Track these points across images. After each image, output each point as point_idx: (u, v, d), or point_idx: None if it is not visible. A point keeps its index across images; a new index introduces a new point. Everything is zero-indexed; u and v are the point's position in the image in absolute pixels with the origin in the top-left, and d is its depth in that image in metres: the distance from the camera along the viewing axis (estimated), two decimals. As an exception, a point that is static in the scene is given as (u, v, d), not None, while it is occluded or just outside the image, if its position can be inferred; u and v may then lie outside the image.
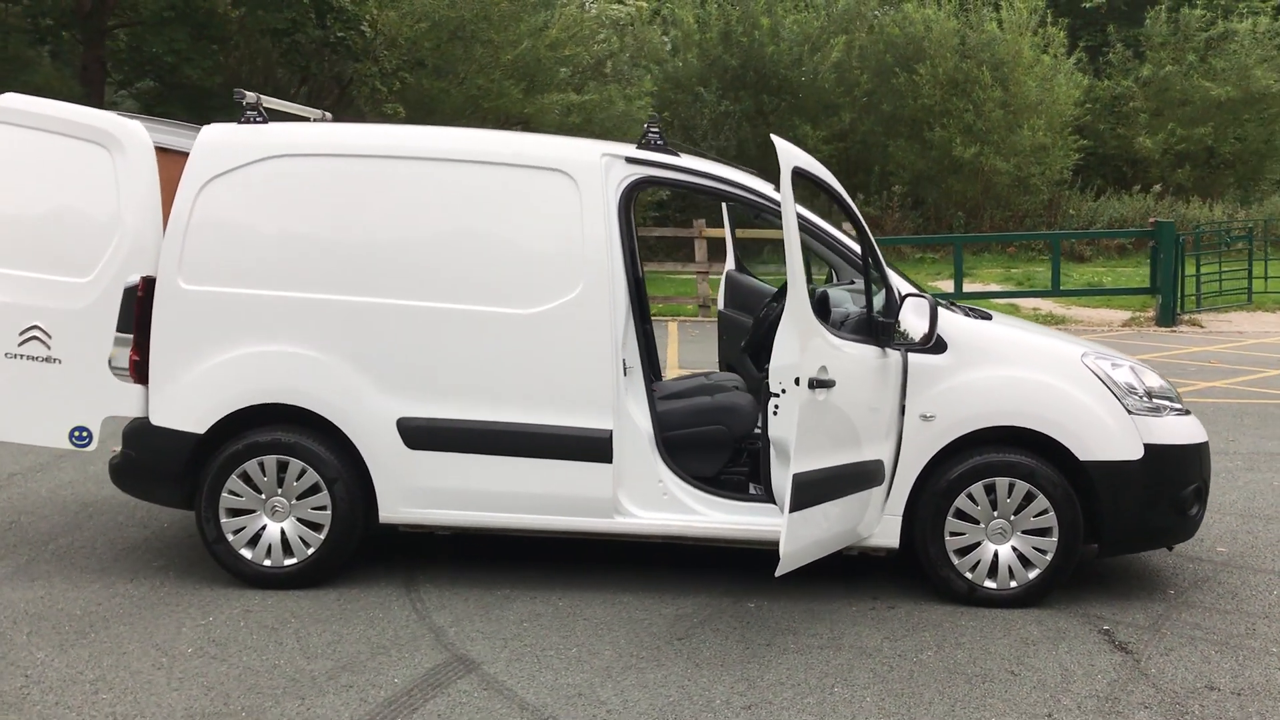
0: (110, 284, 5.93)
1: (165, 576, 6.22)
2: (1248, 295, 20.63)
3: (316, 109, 7.01)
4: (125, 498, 7.74)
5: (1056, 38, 30.82)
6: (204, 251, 5.95)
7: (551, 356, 5.89)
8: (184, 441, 5.96)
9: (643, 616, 5.73)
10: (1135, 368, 6.10)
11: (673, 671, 5.08)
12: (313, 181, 6.00)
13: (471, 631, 5.50)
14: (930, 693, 4.91)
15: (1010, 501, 5.84)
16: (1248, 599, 6.12)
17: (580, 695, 4.83)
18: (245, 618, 5.64)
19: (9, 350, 5.95)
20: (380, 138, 6.17)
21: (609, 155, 6.01)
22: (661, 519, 5.94)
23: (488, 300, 5.90)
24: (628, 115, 24.57)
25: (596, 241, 5.88)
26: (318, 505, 5.97)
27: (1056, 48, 30.88)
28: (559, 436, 5.87)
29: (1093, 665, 5.22)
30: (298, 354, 5.91)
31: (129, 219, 5.94)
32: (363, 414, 5.90)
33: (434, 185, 5.98)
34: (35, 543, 6.78)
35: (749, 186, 6.09)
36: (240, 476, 5.97)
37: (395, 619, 5.65)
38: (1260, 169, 35.38)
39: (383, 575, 6.23)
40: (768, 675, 5.06)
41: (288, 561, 6.01)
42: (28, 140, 5.99)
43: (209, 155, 6.02)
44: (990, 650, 5.36)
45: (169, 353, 5.95)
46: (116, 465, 6.13)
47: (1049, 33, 30.75)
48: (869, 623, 5.68)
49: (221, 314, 5.95)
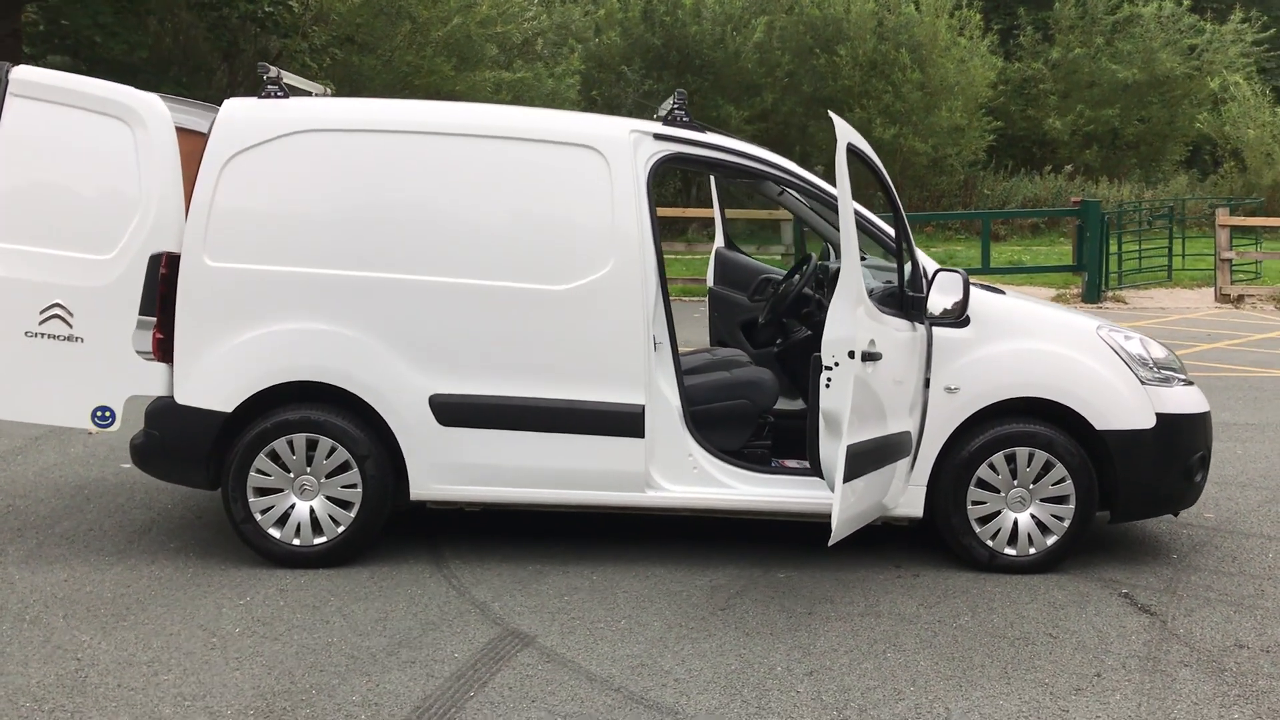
0: (133, 261, 5.82)
1: (186, 558, 6.15)
2: (1168, 272, 21.29)
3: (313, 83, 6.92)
4: (119, 479, 7.63)
5: (972, 20, 31.37)
6: (230, 228, 5.87)
7: (584, 332, 5.92)
8: (211, 420, 5.88)
9: (679, 589, 5.80)
10: (1144, 340, 6.31)
11: (725, 641, 5.17)
12: (340, 157, 5.95)
13: (515, 606, 5.53)
14: (979, 656, 5.06)
15: (1030, 470, 6.02)
16: (1247, 562, 6.38)
17: (643, 665, 4.90)
18: (283, 596, 5.61)
19: (30, 329, 5.82)
20: (409, 113, 6.13)
21: (637, 131, 6.05)
22: (692, 493, 6.02)
23: (520, 276, 5.92)
24: (556, 93, 24.51)
25: (627, 218, 5.92)
26: (348, 483, 5.94)
27: (972, 29, 31.43)
28: (592, 412, 5.91)
29: (1124, 627, 5.41)
30: (328, 331, 5.87)
31: (151, 195, 5.83)
32: (395, 391, 5.88)
33: (464, 161, 5.96)
34: (39, 526, 6.64)
35: (774, 163, 6.17)
36: (268, 455, 5.92)
37: (435, 595, 5.66)
38: (1162, 150, 36.41)
39: (409, 552, 6.22)
40: (818, 643, 5.17)
41: (317, 540, 5.98)
42: (44, 115, 5.84)
43: (232, 130, 5.93)
44: (1023, 614, 5.53)
45: (195, 331, 5.87)
46: (139, 445, 6.03)
47: (965, 15, 31.28)
48: (900, 590, 5.82)
49: (249, 291, 5.89)
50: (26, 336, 5.81)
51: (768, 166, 6.16)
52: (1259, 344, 14.97)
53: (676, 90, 6.19)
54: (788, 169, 6.17)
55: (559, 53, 26.07)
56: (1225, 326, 16.65)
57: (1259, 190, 31.87)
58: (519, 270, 5.92)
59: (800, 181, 6.15)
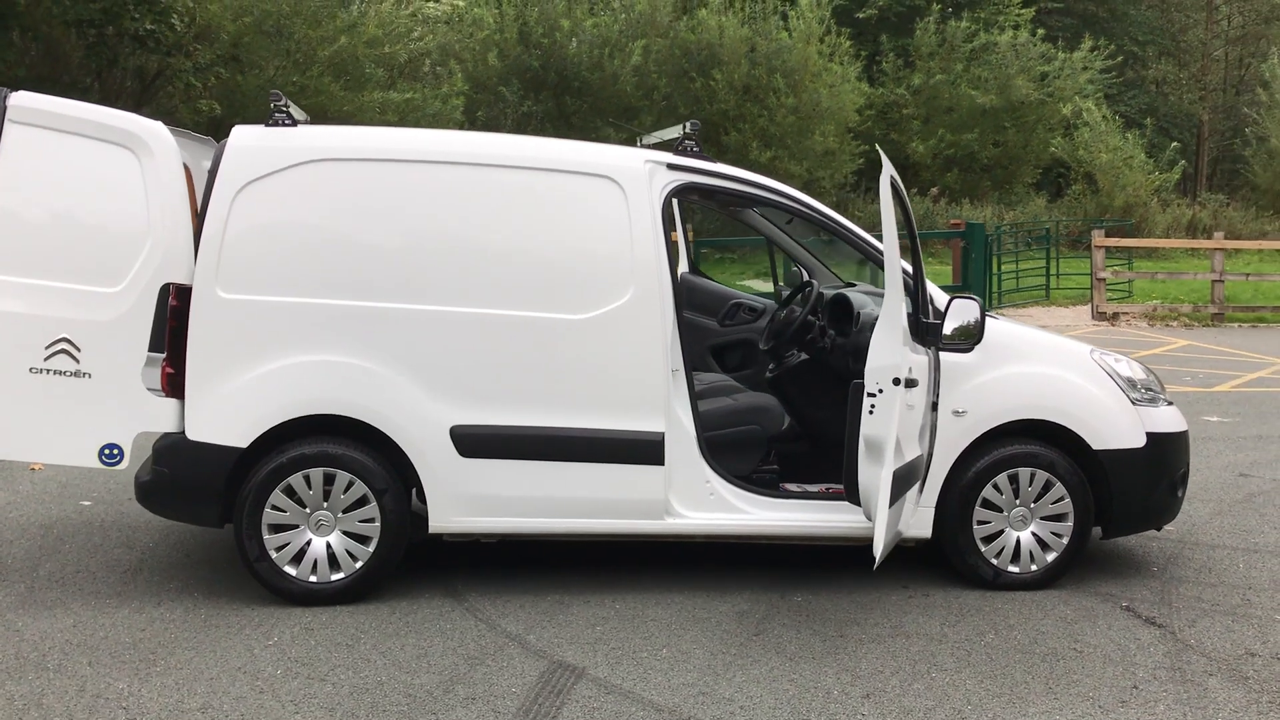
0: (142, 293, 5.64)
1: (191, 598, 5.96)
2: (1046, 291, 22.12)
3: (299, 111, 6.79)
4: (84, 517, 7.36)
5: (841, 46, 32.13)
6: (242, 259, 5.74)
7: (604, 361, 5.95)
8: (224, 457, 5.73)
9: (705, 615, 5.85)
10: (1130, 362, 6.60)
11: (773, 666, 5.24)
12: (355, 186, 5.87)
13: (550, 637, 5.51)
14: (1018, 673, 5.22)
15: (1031, 490, 6.23)
16: (1222, 572, 6.69)
17: (703, 694, 4.93)
18: (310, 635, 5.49)
19: (35, 365, 5.59)
20: (424, 142, 6.09)
21: (651, 162, 6.10)
22: (711, 519, 6.08)
23: (539, 306, 5.91)
24: (441, 115, 24.33)
25: (645, 246, 5.97)
26: (365, 517, 5.85)
27: (842, 55, 32.19)
28: (612, 440, 5.93)
29: (1139, 639, 5.64)
30: (346, 363, 5.77)
31: (159, 225, 5.67)
32: (414, 423, 5.81)
33: (481, 191, 5.94)
34: (20, 570, 6.37)
35: (785, 192, 6.29)
36: (284, 491, 5.79)
37: (465, 629, 5.60)
38: (1016, 173, 37.78)
39: (422, 586, 6.13)
40: (862, 665, 5.27)
41: (334, 576, 5.86)
42: (47, 143, 5.64)
43: (243, 159, 5.80)
44: (1042, 630, 5.72)
45: (207, 365, 5.71)
46: (147, 483, 5.83)
47: (835, 41, 32.03)
48: (917, 611, 5.96)
49: (263, 323, 5.76)
50: (31, 373, 5.59)
51: (778, 195, 6.27)
52: (1153, 360, 15.67)
53: (690, 121, 6.26)
54: (796, 197, 6.29)
55: (441, 74, 25.88)
56: (1111, 344, 17.37)
57: (1111, 211, 33.31)
58: (538, 300, 5.92)
59: (809, 210, 6.28)
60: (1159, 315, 20.35)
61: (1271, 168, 40.00)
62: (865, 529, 6.12)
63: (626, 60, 30.30)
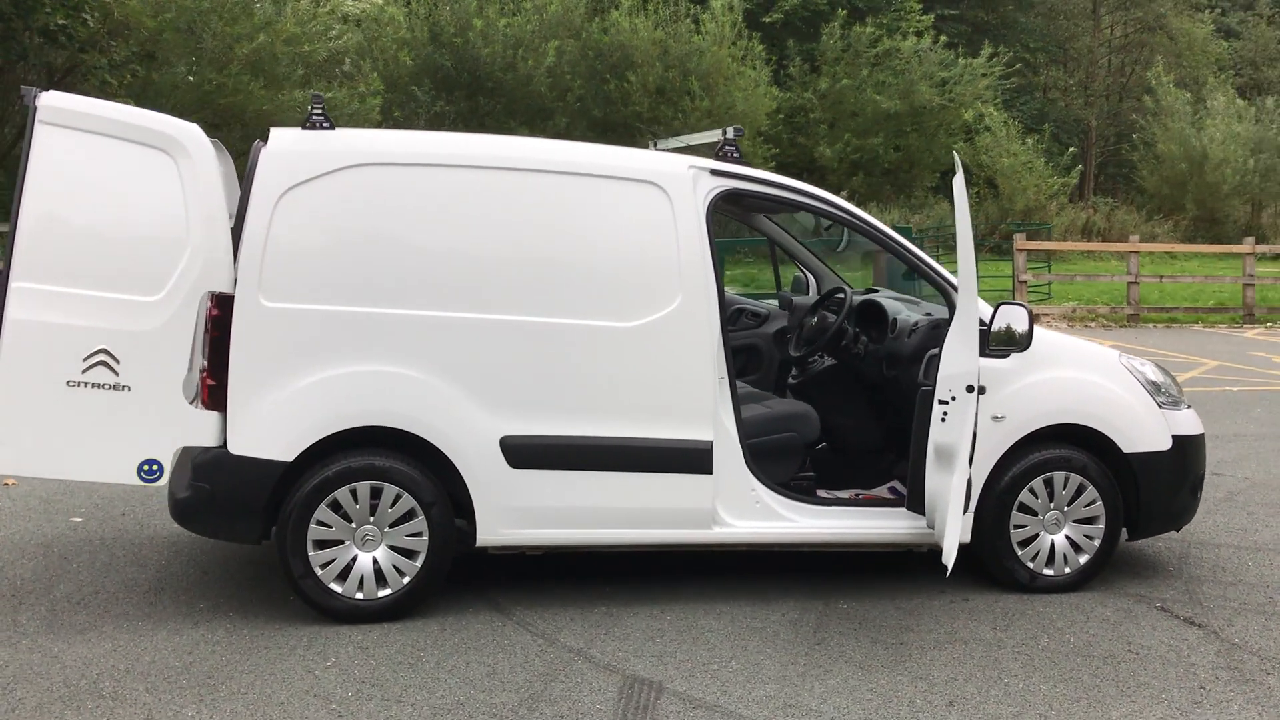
0: (183, 302, 5.42)
1: (228, 617, 5.75)
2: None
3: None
4: (80, 534, 7.07)
5: (753, 50, 32.37)
6: (286, 266, 5.55)
7: (653, 369, 5.88)
8: (268, 471, 5.53)
9: (759, 625, 5.81)
10: (1153, 366, 6.72)
11: (847, 676, 5.21)
12: (400, 191, 5.71)
13: (614, 651, 5.43)
14: (1086, 676, 5.28)
15: (1065, 493, 6.31)
16: (1237, 571, 6.84)
17: (788, 705, 4.89)
18: (368, 654, 5.32)
19: (72, 377, 5.33)
20: (469, 147, 5.95)
21: (695, 167, 6.05)
22: (757, 528, 6.04)
23: (589, 314, 5.82)
24: (359, 114, 23.92)
25: (692, 253, 5.91)
26: (413, 532, 5.70)
27: (754, 59, 32.44)
28: (662, 449, 5.86)
29: (1185, 639, 5.74)
30: (395, 373, 5.62)
31: (199, 231, 5.45)
32: (464, 434, 5.68)
33: (528, 196, 5.83)
34: (35, 591, 6.08)
35: (823, 197, 6.28)
36: (330, 505, 5.61)
37: (525, 644, 5.48)
38: (918, 177, 38.46)
39: (463, 601, 5.98)
40: (933, 672, 5.28)
41: (381, 593, 5.70)
42: (78, 145, 5.38)
43: (284, 164, 5.61)
44: (1091, 633, 5.79)
45: (250, 376, 5.51)
46: (186, 500, 5.58)
47: (747, 45, 32.25)
48: (964, 615, 5.99)
49: (309, 333, 5.58)
50: (68, 386, 5.33)
51: (818, 201, 6.26)
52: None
53: (734, 127, 6.23)
54: (837, 203, 6.28)
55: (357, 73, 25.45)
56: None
57: (1012, 215, 34.11)
58: (587, 307, 5.83)
59: (850, 216, 6.28)
60: (1078, 316, 20.87)
61: (1159, 172, 41.36)
62: (909, 535, 6.16)
63: (540, 61, 30.17)
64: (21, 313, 5.26)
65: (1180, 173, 40.35)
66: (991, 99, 37.95)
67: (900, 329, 6.52)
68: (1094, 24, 51.28)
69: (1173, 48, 50.35)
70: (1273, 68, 54.72)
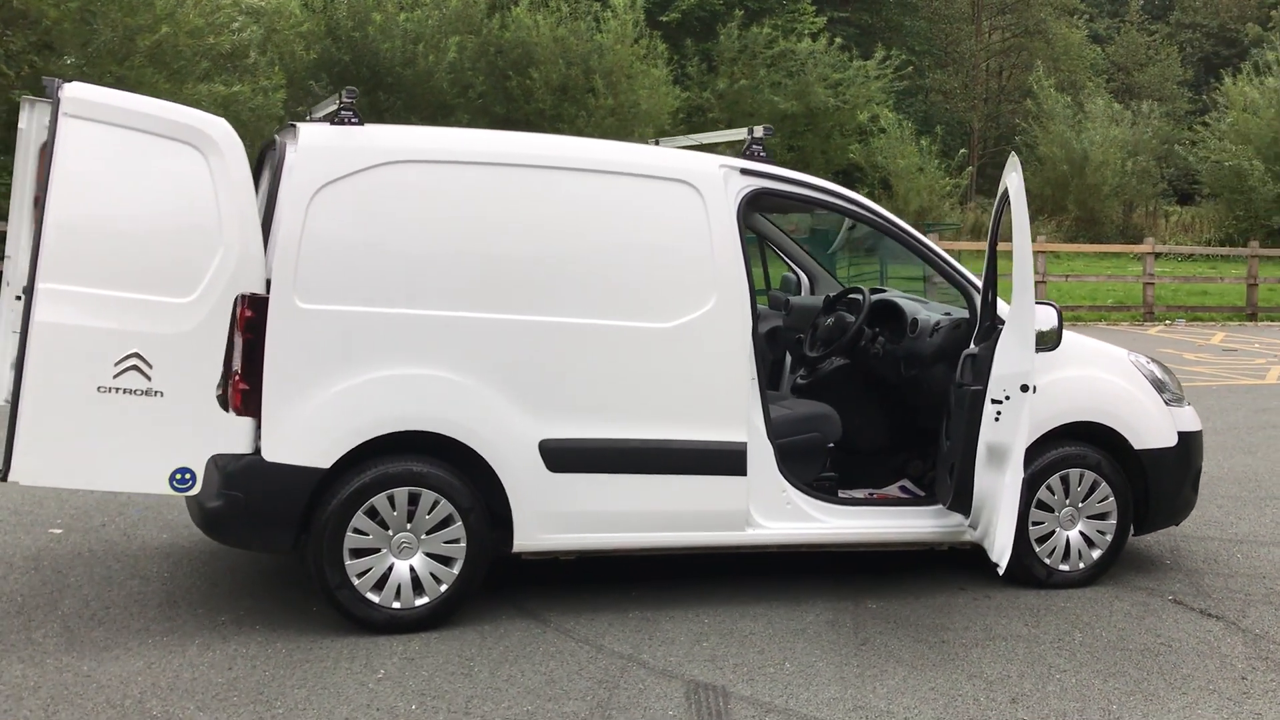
0: (217, 304, 5.20)
1: (256, 630, 5.53)
2: (880, 293, 22.85)
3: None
4: (64, 547, 6.77)
5: (656, 49, 32.38)
6: (321, 267, 5.37)
7: (689, 369, 5.83)
8: (305, 479, 5.34)
9: (798, 626, 5.79)
10: (1156, 364, 6.87)
11: (904, 676, 5.20)
12: (435, 189, 5.57)
13: (665, 656, 5.36)
14: (1132, 670, 5.35)
15: (1080, 490, 6.41)
16: (1229, 563, 7.02)
17: (859, 708, 4.88)
18: (416, 666, 5.17)
19: (103, 383, 5.06)
20: (503, 144, 5.84)
21: (725, 166, 6.02)
22: (789, 529, 6.03)
23: (626, 315, 5.75)
24: (263, 109, 23.30)
25: (726, 253, 5.88)
26: (450, 538, 5.55)
27: (656, 58, 32.46)
28: (698, 451, 5.82)
29: (1209, 631, 5.87)
30: (435, 376, 5.47)
31: (232, 230, 5.23)
32: (504, 438, 5.56)
33: (563, 195, 5.73)
34: (41, 608, 5.79)
35: (850, 197, 6.29)
36: (366, 513, 5.44)
37: (573, 651, 5.38)
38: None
39: (492, 608, 5.84)
40: (986, 670, 5.31)
41: (419, 602, 5.55)
42: (105, 139, 5.12)
43: (317, 160, 5.43)
44: (1118, 626, 5.89)
45: (285, 380, 5.31)
46: (216, 510, 5.34)
47: (650, 44, 32.25)
48: (993, 613, 6.04)
49: (345, 335, 5.40)
50: (99, 392, 5.06)
51: (845, 201, 6.27)
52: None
53: (764, 126, 6.19)
54: (864, 203, 6.30)
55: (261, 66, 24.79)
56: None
57: (906, 215, 34.69)
58: (624, 308, 5.75)
59: (876, 217, 6.30)
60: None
61: (1041, 174, 42.43)
62: (934, 533, 6.22)
63: (441, 57, 29.77)
64: (50, 315, 4.99)
65: (1062, 174, 41.46)
66: (884, 101, 38.54)
67: (921, 328, 6.56)
68: (976, 28, 52.46)
69: (1050, 52, 51.79)
70: (1143, 72, 56.66)
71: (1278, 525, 7.90)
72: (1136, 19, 60.59)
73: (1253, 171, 36.84)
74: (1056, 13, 52.26)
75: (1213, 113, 42.12)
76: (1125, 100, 48.21)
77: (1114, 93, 50.40)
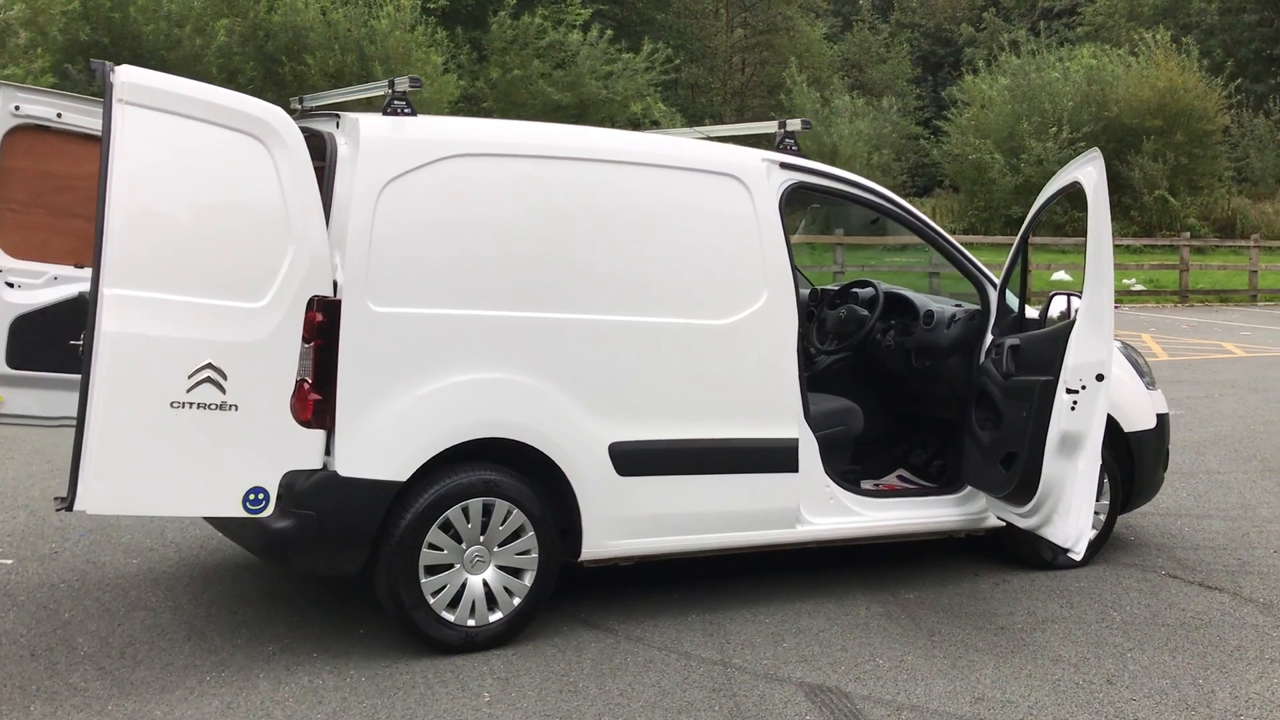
0: (290, 309, 4.78)
1: (312, 659, 5.13)
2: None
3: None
4: (34, 580, 6.15)
5: (439, 36, 31.74)
6: (392, 267, 5.02)
7: (746, 366, 5.76)
8: (382, 493, 4.99)
9: (859, 620, 5.79)
10: (1132, 349, 7.21)
11: (995, 666, 5.25)
12: (499, 185, 5.29)
13: (758, 659, 5.26)
14: (1184, 642, 5.58)
15: (1076, 473, 6.67)
16: (1191, 537, 7.37)
17: (980, 700, 4.91)
18: (515, 686, 4.90)
19: (176, 398, 4.57)
20: (563, 138, 5.65)
21: (767, 160, 5.96)
22: (835, 524, 6.03)
23: (688, 312, 5.63)
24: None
25: (775, 248, 5.83)
26: (522, 549, 5.30)
27: (435, 44, 31.82)
28: (757, 449, 5.76)
29: (1222, 604, 6.18)
30: (511, 380, 5.21)
31: (300, 229, 4.83)
32: (575, 443, 5.34)
33: (625, 190, 5.56)
34: (55, 649, 5.21)
35: (882, 193, 6.32)
36: (441, 527, 5.14)
37: (659, 660, 5.22)
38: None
39: (547, 619, 5.60)
40: (1063, 653, 5.42)
41: (493, 617, 5.27)
42: (168, 129, 4.63)
43: (382, 154, 5.07)
44: (1143, 604, 6.13)
45: (361, 389, 4.94)
46: (285, 531, 4.88)
47: (431, 32, 31.58)
48: (1023, 596, 6.19)
49: (421, 339, 5.07)
50: (172, 408, 4.58)
51: (876, 197, 6.30)
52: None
53: (802, 120, 6.15)
54: (894, 199, 6.34)
55: (27, 47, 22.99)
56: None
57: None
58: (685, 305, 5.63)
59: (904, 213, 6.36)
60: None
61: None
62: (962, 522, 6.36)
63: (210, 40, 28.37)
64: (118, 325, 4.47)
65: (815, 168, 42.95)
66: (651, 94, 39.01)
67: (937, 321, 6.67)
68: (727, 24, 53.73)
69: (794, 48, 53.54)
70: (876, 70, 59.29)
71: (1198, 497, 8.41)
72: (868, 18, 63.38)
73: (993, 164, 39.15)
74: (801, 11, 54.02)
75: (952, 109, 44.49)
76: (862, 97, 50.31)
77: (850, 89, 52.55)
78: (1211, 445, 10.20)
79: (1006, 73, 42.97)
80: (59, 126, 5.91)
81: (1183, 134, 38.51)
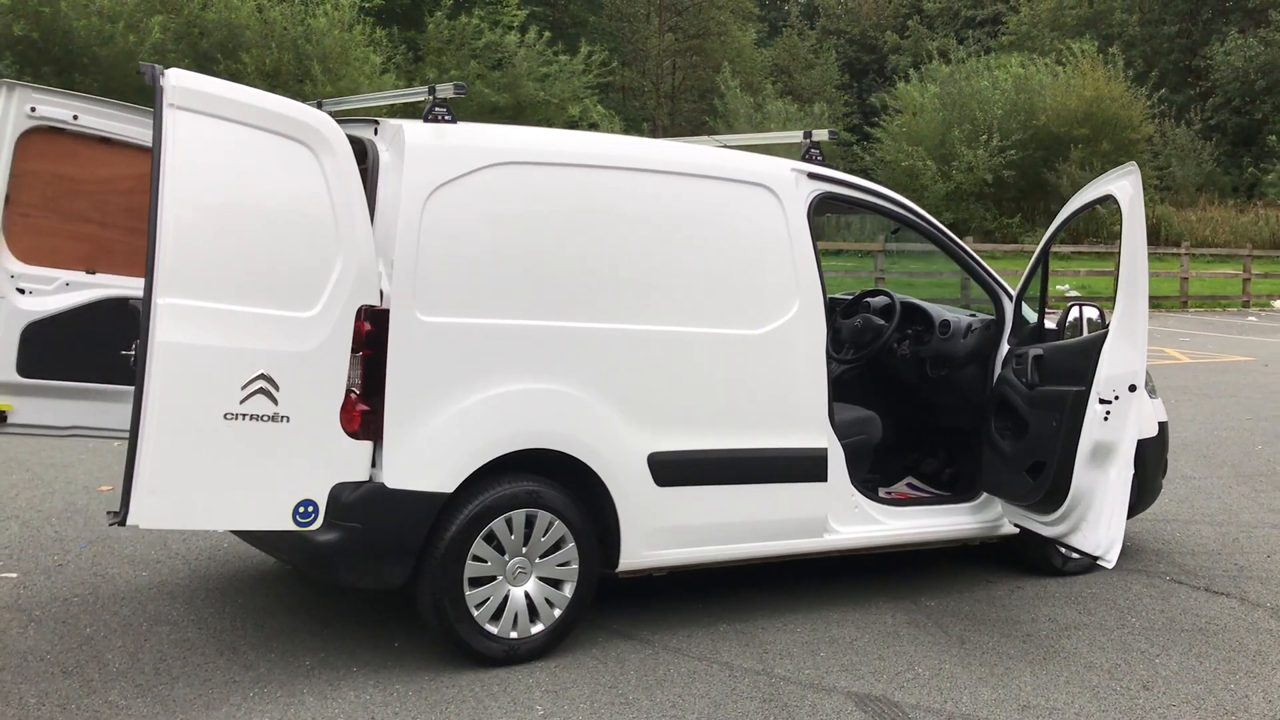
0: (340, 318, 4.71)
1: (352, 673, 5.05)
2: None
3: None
4: (45, 595, 5.99)
5: (378, 35, 31.45)
6: (438, 276, 4.96)
7: (778, 376, 5.78)
8: (429, 505, 4.92)
9: (887, 629, 5.81)
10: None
11: (1033, 673, 5.30)
12: (542, 193, 5.25)
13: (800, 669, 5.26)
14: (1207, 649, 5.69)
15: (1088, 481, 6.77)
16: (1183, 543, 7.54)
17: (1026, 707, 4.96)
18: (565, 699, 4.85)
19: (230, 410, 4.47)
20: (605, 147, 5.60)
21: (796, 170, 5.98)
22: (860, 533, 6.06)
23: (724, 322, 5.63)
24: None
25: (805, 257, 5.86)
26: (562, 561, 5.27)
27: (377, 43, 31.53)
28: (789, 458, 5.78)
29: (1231, 609, 6.31)
30: (554, 390, 5.17)
31: (348, 238, 4.75)
32: (615, 453, 5.32)
33: (664, 200, 5.55)
34: (87, 666, 5.07)
35: (906, 205, 6.37)
36: (485, 538, 5.08)
37: (701, 671, 5.20)
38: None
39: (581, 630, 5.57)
40: (1094, 659, 5.50)
41: (534, 629, 5.23)
42: (218, 135, 4.52)
43: (427, 161, 5.00)
44: (1160, 610, 6.24)
45: (410, 399, 4.87)
46: (332, 544, 4.78)
47: (371, 31, 31.28)
48: (1041, 603, 6.27)
49: (467, 349, 5.02)
50: (226, 420, 4.48)
51: (898, 207, 6.35)
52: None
53: (829, 131, 6.17)
54: (916, 210, 6.40)
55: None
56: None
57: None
58: (720, 315, 5.64)
59: (925, 224, 6.42)
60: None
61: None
62: (979, 529, 6.42)
63: (143, 37, 27.85)
64: (173, 334, 4.36)
65: (749, 172, 43.17)
66: (589, 97, 38.99)
67: (954, 330, 6.73)
68: (660, 28, 53.82)
69: (725, 53, 53.80)
70: (805, 75, 59.76)
71: (1181, 503, 8.58)
72: (796, 24, 63.91)
73: (926, 170, 39.65)
74: (734, 16, 54.29)
75: (882, 115, 44.95)
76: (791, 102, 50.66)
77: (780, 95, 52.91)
78: (1181, 451, 10.37)
79: (936, 80, 43.52)
80: (74, 129, 5.74)
81: (1109, 142, 39.34)
